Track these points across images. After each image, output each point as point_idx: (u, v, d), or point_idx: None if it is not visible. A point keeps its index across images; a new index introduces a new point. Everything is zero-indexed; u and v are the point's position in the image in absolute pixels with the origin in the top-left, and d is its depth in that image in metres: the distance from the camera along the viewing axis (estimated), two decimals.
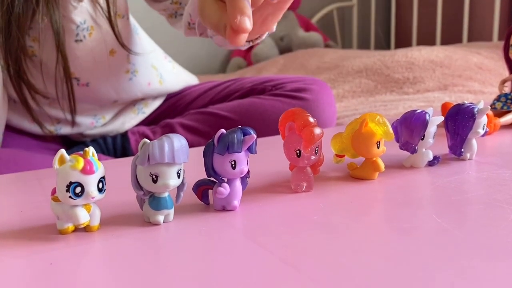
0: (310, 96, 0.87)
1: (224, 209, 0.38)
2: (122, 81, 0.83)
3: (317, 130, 0.40)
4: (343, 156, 0.49)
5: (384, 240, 0.33)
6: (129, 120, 0.90)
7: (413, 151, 0.47)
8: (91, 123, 0.86)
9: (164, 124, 0.90)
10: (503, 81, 0.72)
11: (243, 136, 0.36)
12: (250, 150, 0.37)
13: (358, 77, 1.36)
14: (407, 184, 0.45)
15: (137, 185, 0.35)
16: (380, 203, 0.41)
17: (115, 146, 0.88)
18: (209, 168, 0.37)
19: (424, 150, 0.48)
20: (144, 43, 0.89)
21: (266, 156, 0.54)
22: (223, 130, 0.37)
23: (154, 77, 0.89)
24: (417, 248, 0.31)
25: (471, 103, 0.51)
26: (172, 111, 0.95)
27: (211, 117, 0.90)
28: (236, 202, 0.38)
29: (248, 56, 2.27)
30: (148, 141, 0.34)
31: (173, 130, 0.88)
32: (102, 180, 0.34)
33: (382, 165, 0.45)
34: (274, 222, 0.36)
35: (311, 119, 0.41)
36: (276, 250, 0.31)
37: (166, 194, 0.36)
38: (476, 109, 0.49)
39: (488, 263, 0.29)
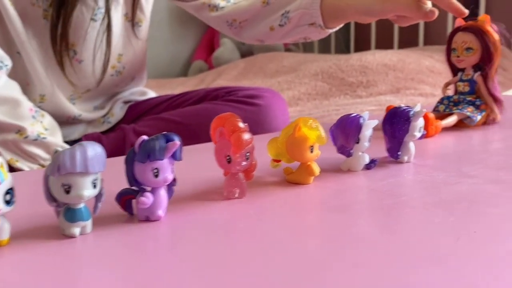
0: (263, 102, 0.87)
1: (148, 219, 0.37)
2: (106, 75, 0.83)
3: (246, 136, 0.39)
4: (280, 160, 0.48)
5: (307, 246, 0.32)
6: (92, 129, 0.88)
7: (349, 154, 0.47)
8: (68, 116, 0.83)
9: (118, 129, 0.89)
10: (447, 84, 0.73)
11: (166, 143, 0.35)
12: (175, 157, 0.36)
13: (314, 80, 1.37)
14: (341, 188, 0.44)
15: (50, 196, 0.33)
16: (310, 208, 0.40)
17: None
18: (130, 177, 0.35)
19: (360, 153, 0.48)
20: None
21: (203, 162, 0.52)
22: (144, 137, 0.35)
23: (123, 84, 0.90)
24: (339, 254, 0.30)
25: (407, 106, 0.51)
26: (130, 119, 0.93)
27: (163, 123, 0.88)
28: (160, 212, 0.36)
29: (209, 59, 2.26)
30: (60, 149, 0.32)
31: (125, 136, 0.87)
32: (10, 191, 0.32)
33: (316, 170, 0.45)
34: (198, 231, 0.35)
35: (241, 124, 0.40)
36: (193, 262, 0.30)
37: (81, 205, 0.34)
38: (411, 112, 0.49)
39: (410, 268, 0.28)
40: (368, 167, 0.49)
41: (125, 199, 0.37)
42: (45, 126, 0.74)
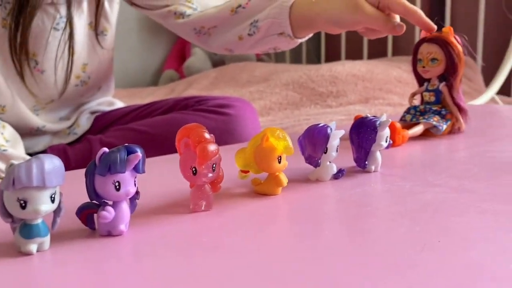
0: (233, 112, 0.87)
1: (110, 234, 0.36)
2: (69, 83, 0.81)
3: (212, 147, 0.39)
4: (248, 171, 0.47)
5: (274, 258, 0.32)
6: (58, 140, 0.86)
7: (316, 164, 0.47)
8: (31, 128, 0.81)
9: (84, 140, 0.87)
10: (413, 94, 0.74)
11: (128, 155, 0.34)
12: (137, 169, 0.35)
13: (285, 89, 1.37)
14: (309, 198, 0.44)
15: (5, 212, 0.31)
16: (277, 220, 0.40)
17: None
18: (91, 190, 0.34)
19: (328, 163, 0.48)
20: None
21: (169, 173, 0.51)
22: (105, 149, 0.34)
23: (88, 94, 0.88)
24: (304, 267, 0.30)
25: (374, 116, 0.52)
26: (97, 130, 0.91)
27: (131, 133, 0.87)
28: (122, 227, 0.35)
29: (180, 69, 2.24)
30: (15, 162, 0.31)
31: (91, 146, 0.85)
32: None
33: (284, 180, 0.44)
34: (162, 246, 0.34)
35: (207, 135, 0.39)
36: (156, 279, 0.29)
37: (39, 221, 0.32)
38: (378, 122, 0.50)
39: (375, 278, 0.28)
40: (336, 176, 0.49)
41: (86, 213, 0.36)
42: (6, 138, 0.72)
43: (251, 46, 0.74)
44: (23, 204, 0.31)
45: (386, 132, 0.51)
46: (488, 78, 1.48)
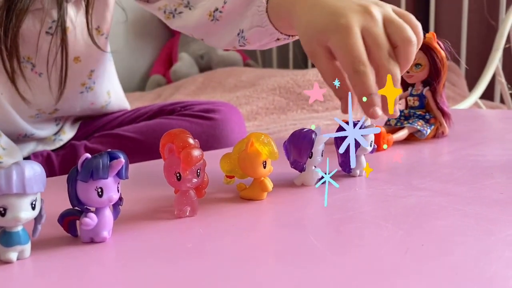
0: (219, 116, 0.86)
1: (92, 241, 0.35)
2: (71, 89, 0.78)
3: (196, 152, 0.38)
4: (233, 176, 0.47)
5: (258, 264, 0.32)
6: (43, 147, 0.84)
7: (301, 169, 0.47)
8: (19, 134, 0.79)
9: (68, 146, 0.86)
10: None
11: (111, 161, 0.34)
12: (120, 175, 0.35)
13: (271, 94, 1.38)
14: (294, 203, 0.44)
15: None
16: (262, 225, 0.40)
17: None
18: (73, 197, 0.34)
19: (313, 168, 0.48)
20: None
21: (154, 179, 0.51)
22: (87, 155, 0.34)
23: (101, 101, 0.86)
24: (288, 272, 0.30)
25: (358, 121, 0.52)
26: (82, 136, 0.91)
27: (116, 139, 0.86)
28: (105, 233, 0.35)
29: (167, 73, 2.24)
30: None
31: (76, 153, 0.84)
32: None
33: (269, 185, 0.44)
34: (145, 253, 0.34)
35: (191, 141, 0.39)
36: (137, 287, 0.29)
37: (19, 228, 0.32)
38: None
39: (358, 284, 0.28)
40: None
41: (68, 220, 0.36)
42: (3, 146, 0.70)
43: (255, 47, 0.66)
44: (3, 212, 0.30)
45: (371, 136, 0.51)
46: (472, 83, 1.50)
